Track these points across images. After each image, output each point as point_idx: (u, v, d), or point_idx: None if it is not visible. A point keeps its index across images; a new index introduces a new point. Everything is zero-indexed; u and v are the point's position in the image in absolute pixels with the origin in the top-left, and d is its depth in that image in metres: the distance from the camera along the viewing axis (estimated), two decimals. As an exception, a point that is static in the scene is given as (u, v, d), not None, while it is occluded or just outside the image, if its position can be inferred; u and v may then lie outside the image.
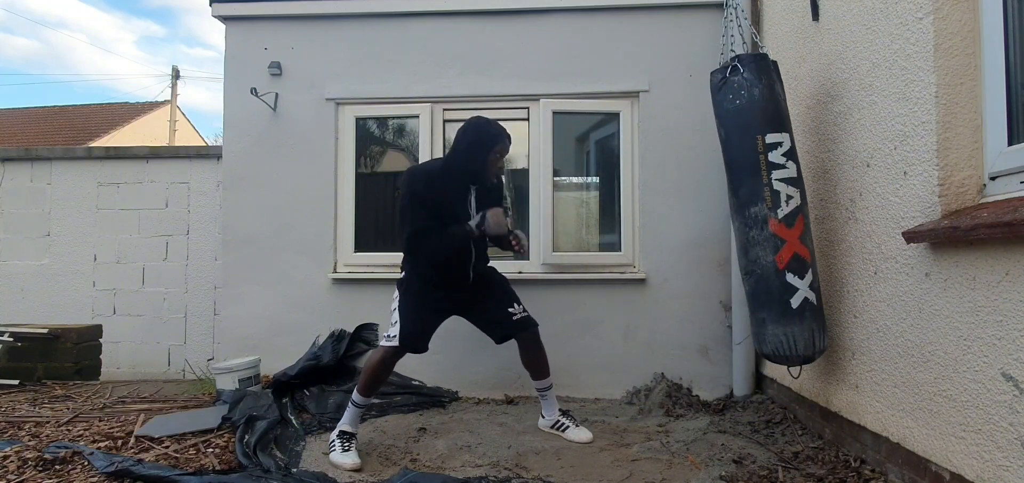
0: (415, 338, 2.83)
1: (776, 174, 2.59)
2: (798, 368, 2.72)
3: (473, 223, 2.80)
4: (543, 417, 3.15)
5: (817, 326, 2.57)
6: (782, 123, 2.67)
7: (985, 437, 1.79)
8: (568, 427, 3.05)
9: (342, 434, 2.77)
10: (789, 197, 2.58)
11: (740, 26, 3.16)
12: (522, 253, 2.99)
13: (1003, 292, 1.71)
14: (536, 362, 3.06)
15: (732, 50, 2.96)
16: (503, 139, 2.85)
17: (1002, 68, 1.89)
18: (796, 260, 2.54)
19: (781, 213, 2.56)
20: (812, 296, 2.55)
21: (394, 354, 2.84)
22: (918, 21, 2.08)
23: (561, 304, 3.87)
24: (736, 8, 3.15)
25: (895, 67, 2.23)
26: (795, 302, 2.52)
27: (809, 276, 2.56)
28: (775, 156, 2.60)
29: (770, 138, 2.61)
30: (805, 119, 3.03)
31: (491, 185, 2.93)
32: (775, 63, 2.76)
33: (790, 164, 2.62)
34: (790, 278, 2.53)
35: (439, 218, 2.77)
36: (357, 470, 2.61)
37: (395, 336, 2.80)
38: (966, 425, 1.88)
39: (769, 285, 2.57)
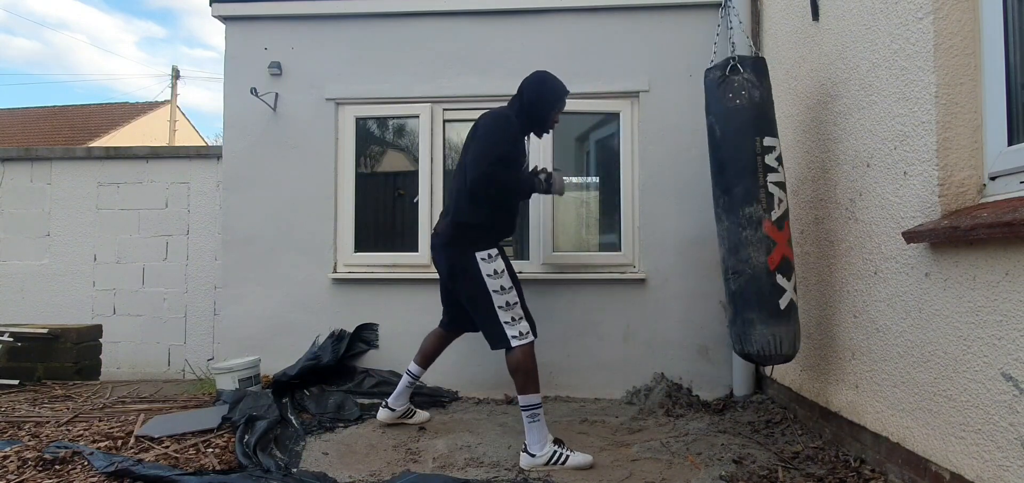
0: (533, 324, 2.88)
1: (771, 177, 2.65)
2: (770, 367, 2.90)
3: (542, 178, 2.93)
4: (392, 408, 3.24)
5: (799, 328, 2.67)
6: (775, 127, 2.76)
7: (985, 437, 1.79)
8: (416, 412, 3.30)
9: (555, 441, 2.68)
10: (780, 200, 2.65)
11: (740, 23, 3.16)
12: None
13: (1003, 292, 1.71)
14: (438, 354, 3.26)
15: (725, 50, 2.94)
16: (566, 94, 2.99)
17: (1002, 68, 1.89)
18: (785, 262, 2.61)
19: (774, 215, 2.62)
20: (796, 298, 2.65)
21: (532, 345, 2.79)
22: (918, 21, 2.08)
23: (561, 304, 3.87)
24: (730, 8, 3.15)
25: (895, 67, 2.23)
26: (783, 303, 2.58)
27: (793, 278, 2.64)
28: (770, 159, 2.66)
29: (767, 141, 2.67)
30: (805, 119, 3.03)
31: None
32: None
33: (781, 169, 2.70)
34: (780, 279, 2.59)
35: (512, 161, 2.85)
36: (590, 467, 2.60)
37: (527, 332, 2.77)
38: (966, 425, 1.88)
39: (760, 286, 2.60)
